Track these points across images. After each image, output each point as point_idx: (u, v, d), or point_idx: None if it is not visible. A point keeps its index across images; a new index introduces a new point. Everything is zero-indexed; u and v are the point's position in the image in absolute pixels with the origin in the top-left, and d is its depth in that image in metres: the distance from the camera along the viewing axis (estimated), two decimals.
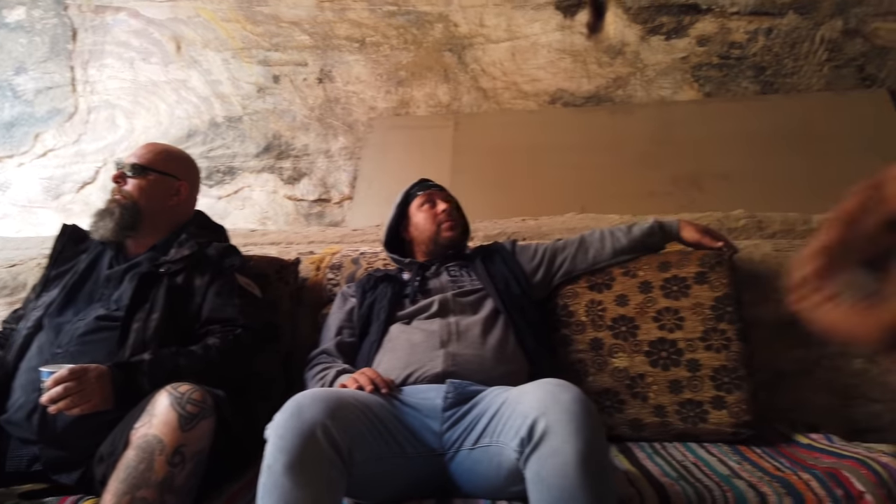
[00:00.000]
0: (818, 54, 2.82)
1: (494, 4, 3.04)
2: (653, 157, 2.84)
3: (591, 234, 1.75)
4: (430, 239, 1.72)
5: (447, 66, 3.11)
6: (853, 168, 2.59)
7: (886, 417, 1.62)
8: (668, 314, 1.61)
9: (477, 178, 2.87)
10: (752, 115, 2.85)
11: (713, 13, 2.91)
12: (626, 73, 2.99)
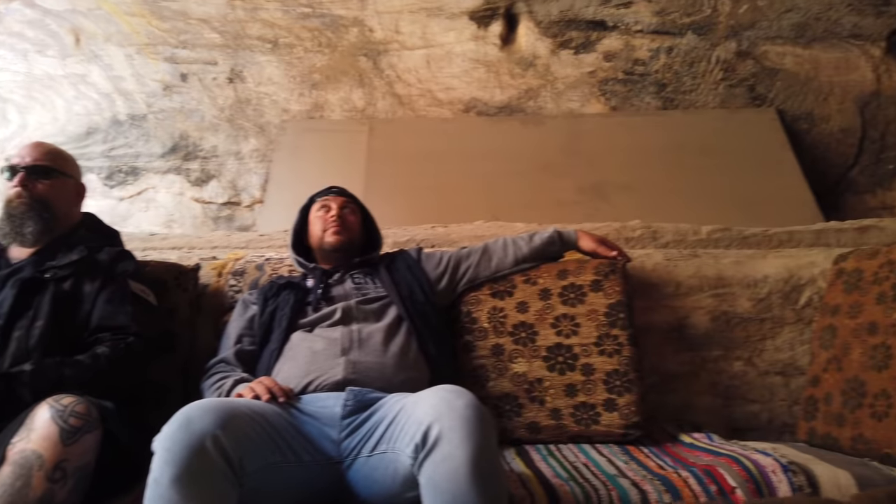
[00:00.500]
0: (714, 73, 2.99)
1: (410, 12, 3.06)
2: (561, 167, 2.94)
3: (495, 243, 1.80)
4: (317, 244, 1.72)
5: (362, 71, 3.11)
6: (743, 182, 2.78)
7: (763, 416, 1.73)
8: (565, 320, 1.68)
9: (391, 184, 2.88)
10: (653, 129, 2.99)
11: (619, 30, 3.03)
12: (537, 85, 3.08)
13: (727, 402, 1.74)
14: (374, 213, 1.87)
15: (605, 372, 1.61)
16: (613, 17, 3.05)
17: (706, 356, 1.76)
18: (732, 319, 1.76)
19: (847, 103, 2.85)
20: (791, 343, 1.73)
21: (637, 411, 1.57)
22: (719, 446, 1.47)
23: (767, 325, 1.74)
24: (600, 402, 1.59)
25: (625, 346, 1.63)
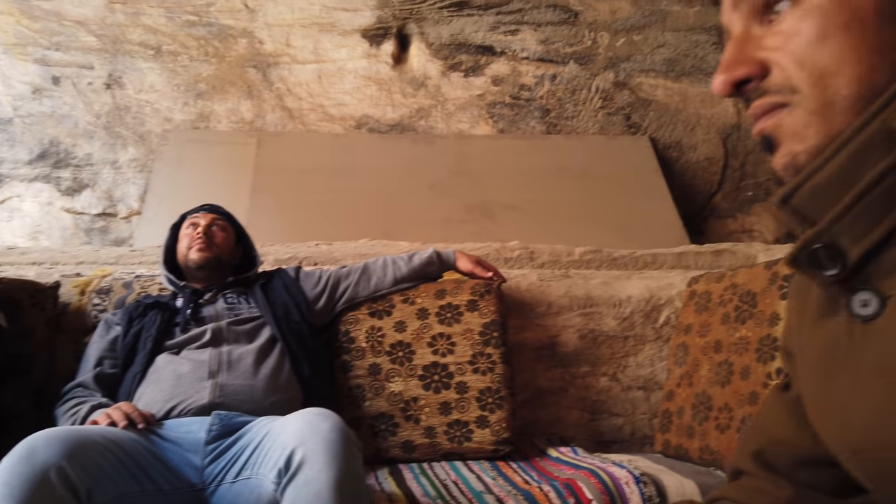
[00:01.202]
0: (594, 101, 3.15)
1: (301, 26, 3.04)
2: (450, 186, 3.00)
3: (375, 263, 1.81)
4: (183, 262, 1.67)
5: (251, 83, 3.04)
6: (618, 206, 2.94)
7: (626, 429, 1.84)
8: (441, 339, 1.71)
9: (278, 199, 2.84)
10: (538, 152, 3.11)
11: (506, 56, 3.14)
12: (428, 105, 3.13)
13: (594, 416, 1.83)
14: (260, 228, 1.84)
15: (478, 390, 1.66)
16: (501, 43, 3.16)
17: (575, 372, 1.85)
18: (599, 337, 1.86)
19: (712, 134, 3.08)
20: (651, 359, 1.84)
21: (508, 427, 1.63)
22: (582, 459, 1.54)
23: (630, 342, 1.85)
24: (473, 420, 1.63)
25: (498, 364, 1.68)
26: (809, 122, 0.50)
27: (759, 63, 0.52)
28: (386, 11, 3.09)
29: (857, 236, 0.47)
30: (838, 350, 0.50)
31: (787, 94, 0.51)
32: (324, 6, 3.06)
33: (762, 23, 0.52)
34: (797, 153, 0.50)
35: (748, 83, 0.52)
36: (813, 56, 0.49)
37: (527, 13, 3.16)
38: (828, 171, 0.48)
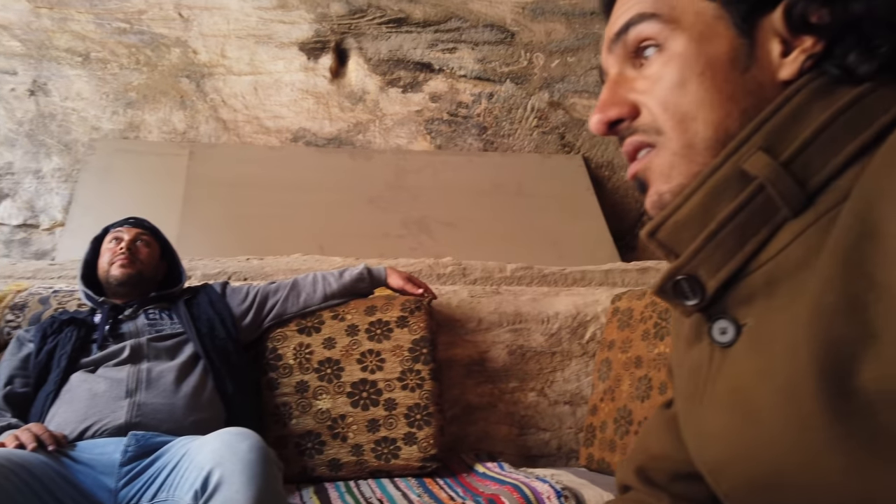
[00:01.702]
0: (529, 120, 3.22)
1: (237, 37, 3.00)
2: (387, 201, 3.00)
3: (304, 279, 1.80)
4: (104, 278, 1.63)
5: (184, 93, 2.99)
6: (553, 223, 3.00)
7: (553, 444, 1.87)
8: (371, 356, 1.71)
9: (210, 212, 2.78)
10: (475, 169, 3.16)
11: (444, 74, 3.18)
12: (366, 120, 3.14)
13: (522, 431, 1.86)
14: (191, 242, 1.80)
15: (406, 406, 1.66)
16: (440, 60, 3.20)
17: (504, 388, 1.87)
18: (528, 353, 1.89)
19: None
20: (577, 375, 1.89)
21: (435, 444, 1.63)
22: (507, 475, 1.56)
23: (558, 358, 1.89)
24: (401, 437, 1.64)
25: (427, 380, 1.69)
26: (673, 163, 0.54)
27: (631, 105, 0.56)
28: (324, 25, 3.09)
29: (713, 269, 0.51)
30: (700, 374, 0.54)
31: (653, 134, 0.55)
32: (261, 18, 3.04)
33: (634, 66, 0.56)
34: (663, 192, 0.54)
35: (621, 123, 0.56)
36: (675, 100, 0.53)
37: (464, 32, 3.20)
38: (688, 208, 0.52)
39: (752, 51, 0.53)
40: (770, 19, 0.52)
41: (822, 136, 0.49)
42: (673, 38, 0.54)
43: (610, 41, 0.59)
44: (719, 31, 0.53)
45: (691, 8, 0.54)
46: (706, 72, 0.53)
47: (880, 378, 0.39)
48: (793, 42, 0.52)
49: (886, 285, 0.39)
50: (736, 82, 0.53)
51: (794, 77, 0.52)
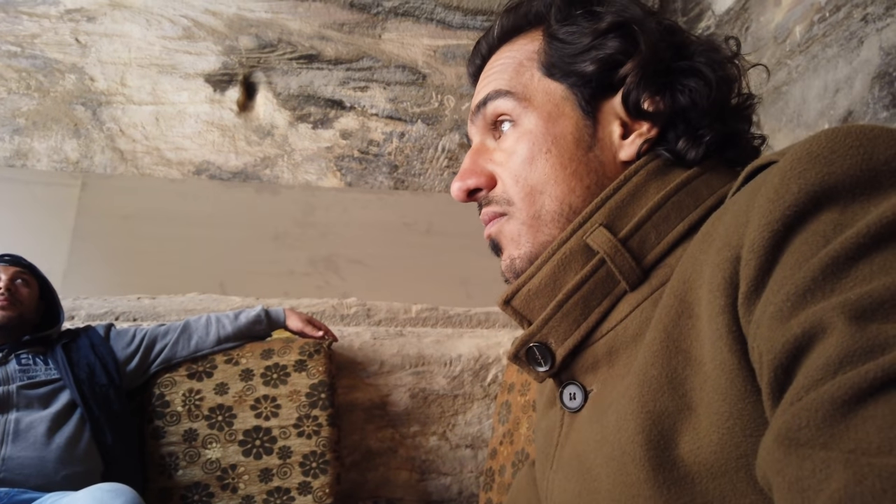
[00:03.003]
0: (440, 160, 3.26)
1: (139, 66, 2.89)
2: (294, 238, 2.94)
3: (197, 321, 1.72)
4: None
5: (79, 121, 2.84)
6: (461, 263, 3.03)
7: (454, 488, 1.85)
8: (266, 402, 1.65)
9: (102, 247, 2.63)
10: (385, 207, 3.15)
11: (356, 111, 3.18)
12: (274, 155, 3.08)
13: (423, 477, 1.83)
14: (78, 278, 1.69)
15: (302, 454, 1.60)
16: (351, 98, 3.20)
17: (405, 432, 1.84)
18: (430, 396, 1.87)
19: None
20: (479, 418, 1.88)
21: (331, 493, 1.58)
22: None
23: (460, 401, 1.88)
24: (295, 486, 1.57)
25: (324, 426, 1.64)
26: (522, 231, 0.57)
27: (489, 175, 0.60)
28: (232, 58, 3.03)
29: (561, 337, 0.53)
30: (552, 438, 0.55)
31: (505, 205, 0.58)
32: (165, 48, 2.95)
33: (494, 136, 0.60)
34: (514, 258, 0.58)
35: (479, 191, 0.60)
36: (524, 174, 0.57)
37: (376, 71, 3.23)
38: (539, 278, 0.55)
39: (595, 131, 0.57)
40: (611, 103, 0.58)
41: (655, 216, 0.53)
42: (525, 116, 0.58)
43: (472, 112, 0.63)
44: (566, 111, 0.58)
45: (542, 88, 0.58)
46: (553, 149, 0.57)
47: (696, 449, 0.41)
48: (631, 125, 0.57)
49: (700, 361, 0.42)
50: (580, 160, 0.57)
51: (633, 158, 0.57)
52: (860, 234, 0.35)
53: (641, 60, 0.56)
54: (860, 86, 2.36)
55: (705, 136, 0.55)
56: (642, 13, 0.59)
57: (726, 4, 3.05)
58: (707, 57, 0.59)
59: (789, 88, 2.69)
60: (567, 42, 0.59)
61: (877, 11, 2.28)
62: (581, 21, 0.59)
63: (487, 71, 0.64)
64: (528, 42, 0.62)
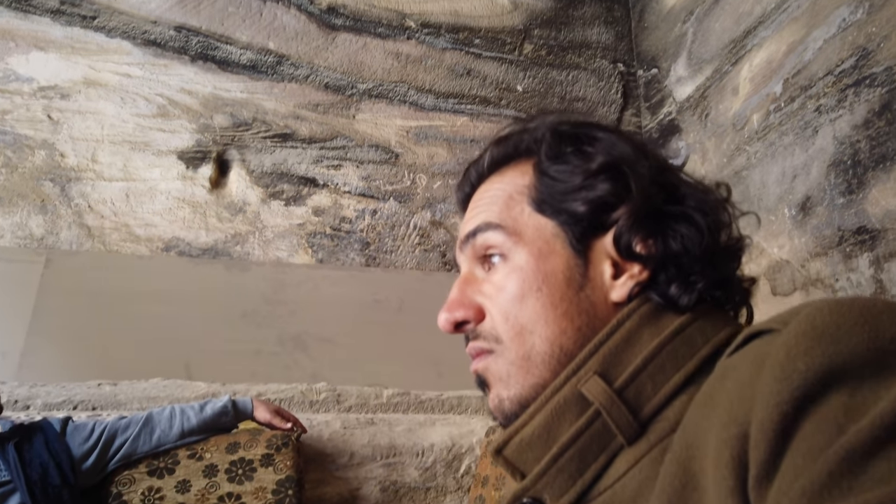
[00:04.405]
0: (412, 238, 3.28)
1: (111, 142, 2.89)
2: (263, 316, 2.90)
3: (161, 412, 1.66)
4: None
5: (46, 197, 2.80)
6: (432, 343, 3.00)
7: None
8: (230, 500, 1.58)
9: (63, 327, 2.56)
10: (356, 284, 3.13)
11: (329, 189, 3.20)
12: (245, 231, 3.07)
13: None
14: (37, 361, 1.63)
15: None
16: (324, 176, 3.22)
17: None
18: (401, 489, 1.82)
19: None
20: None
21: None
22: None
23: (432, 494, 1.83)
24: None
25: None
26: (511, 372, 0.56)
27: (477, 308, 0.58)
28: (206, 136, 3.05)
29: (556, 494, 0.51)
30: None
31: (493, 342, 0.57)
32: (139, 125, 2.96)
33: (483, 267, 0.59)
34: (503, 398, 0.56)
35: (467, 323, 0.58)
36: (514, 312, 0.56)
37: (350, 150, 3.27)
38: (532, 428, 0.53)
39: (585, 271, 0.57)
40: (602, 242, 0.57)
41: (650, 365, 0.52)
42: (516, 251, 0.58)
43: (461, 241, 0.62)
44: (556, 248, 0.57)
45: (532, 223, 0.58)
46: (543, 288, 0.56)
47: None
48: (623, 266, 0.57)
49: None
50: (571, 300, 0.56)
51: (624, 300, 0.56)
52: (874, 426, 0.34)
53: (633, 206, 0.56)
54: (817, 172, 2.45)
55: (697, 283, 0.55)
56: (632, 152, 0.60)
57: (686, 92, 3.19)
58: (697, 200, 0.60)
59: (749, 173, 2.79)
60: (558, 180, 0.59)
61: (829, 103, 2.40)
62: (572, 159, 0.60)
63: (477, 200, 0.64)
64: (519, 175, 0.63)
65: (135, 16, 3.01)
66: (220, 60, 3.11)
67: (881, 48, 2.19)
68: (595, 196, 0.57)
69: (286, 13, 3.22)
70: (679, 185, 0.61)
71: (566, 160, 0.60)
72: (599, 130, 0.62)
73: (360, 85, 3.31)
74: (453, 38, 3.42)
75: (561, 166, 0.59)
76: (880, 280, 2.20)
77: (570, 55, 3.50)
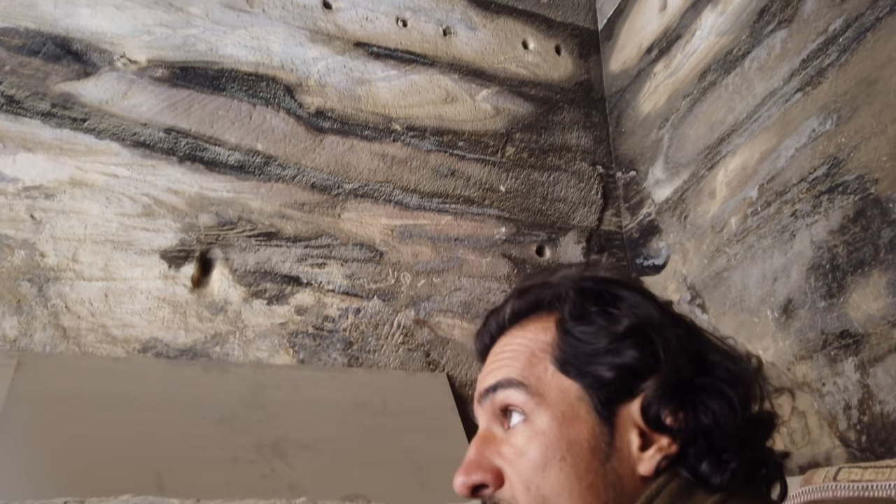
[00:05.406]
0: (395, 337, 3.24)
1: (93, 242, 2.88)
2: (241, 420, 2.80)
3: None
4: None
5: (23, 297, 2.75)
6: (415, 445, 2.91)
7: None
8: None
9: (31, 436, 2.44)
10: (338, 385, 3.06)
11: (312, 287, 3.19)
12: (225, 331, 3.01)
13: None
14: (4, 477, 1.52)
15: None
16: (308, 274, 3.21)
17: None
18: None
19: None
20: None
21: None
22: None
23: None
24: None
25: None
26: None
27: (495, 471, 0.55)
28: (190, 235, 3.05)
29: None
30: None
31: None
32: (122, 224, 2.95)
33: (502, 425, 0.57)
34: None
35: (484, 487, 0.55)
36: (536, 482, 0.53)
37: (335, 249, 3.28)
38: None
39: (612, 440, 0.54)
40: (629, 409, 0.55)
41: None
42: (538, 413, 0.55)
43: (480, 394, 0.60)
44: (581, 413, 0.55)
45: (555, 384, 0.56)
46: (567, 457, 0.54)
47: None
48: (651, 437, 0.54)
49: None
50: (596, 472, 0.53)
51: (652, 474, 0.53)
52: None
53: (662, 375, 0.54)
54: (797, 275, 2.49)
55: (730, 462, 0.52)
56: (658, 314, 0.59)
57: (665, 194, 3.28)
58: (728, 371, 0.58)
59: (730, 275, 2.83)
60: (583, 341, 0.57)
61: (805, 208, 2.47)
62: (597, 319, 0.58)
63: (497, 353, 0.62)
64: (541, 331, 0.61)
65: (125, 118, 3.06)
66: (208, 161, 3.15)
67: (851, 157, 2.28)
68: (622, 362, 0.55)
69: (275, 116, 3.31)
70: (707, 351, 0.59)
71: (591, 320, 0.58)
72: (623, 288, 0.61)
73: (346, 185, 3.36)
74: (438, 140, 3.52)
75: (586, 327, 0.58)
76: (867, 385, 2.19)
77: (550, 157, 3.60)
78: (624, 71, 3.68)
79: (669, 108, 3.25)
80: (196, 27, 3.29)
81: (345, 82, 3.46)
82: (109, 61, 3.10)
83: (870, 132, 2.20)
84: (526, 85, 3.70)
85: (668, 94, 3.26)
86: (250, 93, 3.29)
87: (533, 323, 0.62)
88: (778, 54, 2.62)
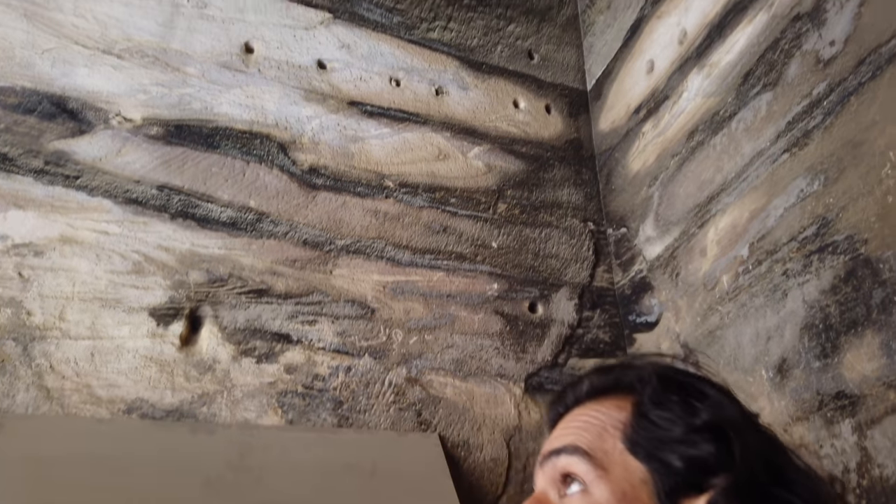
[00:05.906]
0: (386, 396, 3.19)
1: (81, 300, 2.84)
2: (227, 484, 2.72)
3: None
4: None
5: (7, 357, 2.70)
6: None
7: None
8: None
9: (14, 498, 2.36)
10: (327, 446, 2.99)
11: (302, 345, 3.15)
12: (213, 391, 2.96)
13: None
14: None
15: None
16: (298, 332, 3.18)
17: None
18: None
19: (496, 434, 3.20)
20: None
21: None
22: None
23: None
24: None
25: None
26: None
27: None
28: (180, 292, 3.02)
29: None
30: None
31: None
32: (112, 282, 2.92)
33: (559, 491, 0.55)
34: None
35: None
36: None
37: (325, 306, 3.26)
38: None
39: None
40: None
41: None
42: (598, 485, 0.54)
43: (543, 456, 0.58)
44: (642, 496, 0.53)
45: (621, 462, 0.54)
46: None
47: None
48: None
49: None
50: None
51: None
52: None
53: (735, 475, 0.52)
54: (790, 335, 2.48)
55: None
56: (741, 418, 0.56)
57: (656, 251, 3.29)
58: (808, 490, 0.55)
59: (723, 333, 2.82)
60: (658, 426, 0.56)
61: (796, 268, 2.47)
62: (675, 408, 0.57)
63: (569, 422, 0.60)
64: (616, 409, 0.59)
65: (118, 175, 3.07)
66: (200, 218, 3.15)
67: (840, 218, 2.30)
68: (695, 454, 0.53)
69: (268, 173, 3.33)
70: (787, 466, 0.57)
71: (669, 408, 0.57)
72: (709, 387, 0.60)
73: (339, 241, 3.36)
74: (430, 197, 3.55)
75: (663, 413, 0.56)
76: (864, 448, 2.16)
77: (542, 214, 3.63)
78: (613, 130, 3.74)
79: (659, 166, 3.29)
80: (192, 86, 3.33)
81: (338, 140, 3.50)
82: (104, 119, 3.13)
83: (857, 193, 2.23)
84: (517, 143, 3.75)
85: (657, 152, 3.31)
86: (244, 150, 3.32)
87: (610, 400, 0.61)
88: (764, 116, 2.67)
